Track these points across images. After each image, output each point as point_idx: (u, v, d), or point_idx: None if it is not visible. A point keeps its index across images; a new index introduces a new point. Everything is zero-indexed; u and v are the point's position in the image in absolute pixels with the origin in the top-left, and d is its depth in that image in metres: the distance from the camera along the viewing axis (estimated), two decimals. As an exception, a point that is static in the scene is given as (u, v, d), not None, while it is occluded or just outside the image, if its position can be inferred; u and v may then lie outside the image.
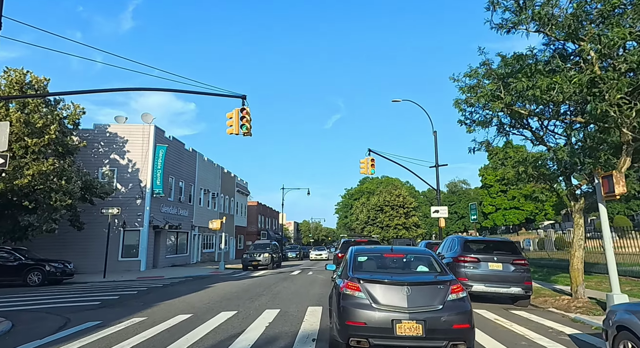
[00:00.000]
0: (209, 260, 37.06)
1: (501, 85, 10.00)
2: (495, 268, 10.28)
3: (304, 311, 9.53)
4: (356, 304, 5.30)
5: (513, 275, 10.17)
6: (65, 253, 22.32)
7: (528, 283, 10.14)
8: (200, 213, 35.30)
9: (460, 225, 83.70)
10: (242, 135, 13.32)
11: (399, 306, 5.15)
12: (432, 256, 6.47)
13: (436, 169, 24.59)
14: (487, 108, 10.54)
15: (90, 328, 8.24)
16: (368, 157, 22.29)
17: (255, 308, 10.11)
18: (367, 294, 5.34)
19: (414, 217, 55.13)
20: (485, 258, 10.45)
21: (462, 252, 10.71)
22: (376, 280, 5.45)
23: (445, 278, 5.58)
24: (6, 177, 18.09)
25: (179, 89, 13.40)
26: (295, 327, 7.74)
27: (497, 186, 76.86)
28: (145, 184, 26.09)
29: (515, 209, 75.55)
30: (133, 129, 26.70)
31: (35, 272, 17.61)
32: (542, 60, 9.56)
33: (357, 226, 59.39)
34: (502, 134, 12.63)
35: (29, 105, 19.69)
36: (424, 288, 5.35)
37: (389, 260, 6.61)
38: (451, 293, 5.27)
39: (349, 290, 5.49)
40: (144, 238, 25.54)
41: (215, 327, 7.90)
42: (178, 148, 31.06)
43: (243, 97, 13.57)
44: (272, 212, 68.80)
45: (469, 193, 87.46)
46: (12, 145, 18.58)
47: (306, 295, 12.40)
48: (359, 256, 6.61)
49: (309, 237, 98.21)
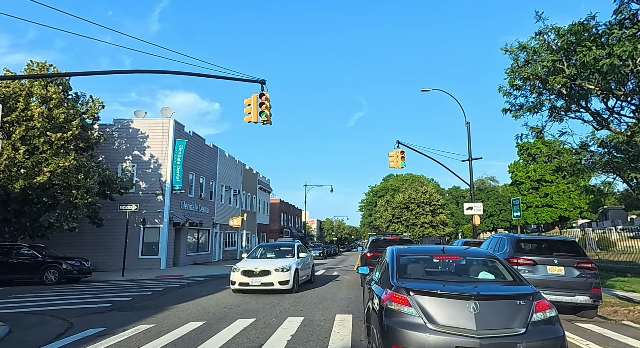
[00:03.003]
0: (231, 258, 36.36)
1: (563, 56, 8.46)
2: (556, 273, 8.74)
3: (332, 320, 8.29)
4: (405, 324, 4.02)
5: (578, 281, 8.61)
6: (84, 251, 21.89)
7: (597, 291, 8.55)
8: (222, 210, 34.59)
9: (489, 223, 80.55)
10: (262, 123, 12.19)
11: (465, 328, 3.83)
12: (498, 260, 5.08)
13: (469, 162, 22.86)
14: (545, 85, 8.97)
15: (90, 336, 7.28)
16: (397, 150, 20.80)
17: (276, 315, 8.94)
18: (419, 310, 4.05)
19: (441, 214, 53.02)
20: (543, 260, 8.91)
21: (514, 253, 9.20)
22: (431, 291, 4.14)
23: (526, 290, 4.20)
24: (25, 173, 17.63)
25: (197, 73, 12.39)
26: (323, 342, 6.50)
27: (528, 183, 73.39)
28: (165, 180, 25.45)
29: (548, 207, 71.95)
30: (152, 123, 26.10)
31: (52, 270, 17.08)
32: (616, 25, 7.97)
33: (381, 224, 57.74)
34: (555, 118, 11.01)
35: (52, 100, 19.16)
36: (497, 304, 3.99)
37: (441, 264, 5.27)
38: (536, 312, 3.90)
39: (395, 303, 4.20)
40: (164, 235, 24.90)
41: (228, 340, 6.75)
42: (198, 143, 30.37)
43: (262, 82, 12.44)
44: (295, 210, 67.92)
45: (497, 191, 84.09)
46: (35, 141, 18.13)
47: (333, 300, 11.15)
48: (402, 258, 5.27)
49: (332, 235, 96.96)
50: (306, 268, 14.15)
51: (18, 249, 17.49)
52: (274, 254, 14.23)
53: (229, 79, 12.63)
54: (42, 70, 19.59)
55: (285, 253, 14.01)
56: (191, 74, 12.61)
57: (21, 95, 17.99)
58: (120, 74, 14.53)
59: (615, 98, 9.47)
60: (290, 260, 12.89)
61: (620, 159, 9.53)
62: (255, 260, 13.32)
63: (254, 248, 14.89)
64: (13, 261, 16.98)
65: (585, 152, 9.26)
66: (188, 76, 34.70)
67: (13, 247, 17.57)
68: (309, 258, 15.08)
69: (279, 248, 14.67)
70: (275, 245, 15.65)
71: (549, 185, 67.87)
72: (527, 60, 9.18)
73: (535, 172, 67.85)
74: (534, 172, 68.23)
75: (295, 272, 12.37)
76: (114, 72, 13.22)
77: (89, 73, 12.92)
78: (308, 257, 14.96)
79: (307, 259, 14.48)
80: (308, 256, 14.99)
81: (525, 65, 9.87)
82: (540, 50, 9.27)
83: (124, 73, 13.40)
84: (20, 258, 17.18)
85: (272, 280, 11.79)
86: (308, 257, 14.96)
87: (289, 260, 12.86)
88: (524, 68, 9.75)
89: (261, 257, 14.01)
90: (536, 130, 10.87)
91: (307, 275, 14.28)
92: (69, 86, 21.39)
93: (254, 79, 12.55)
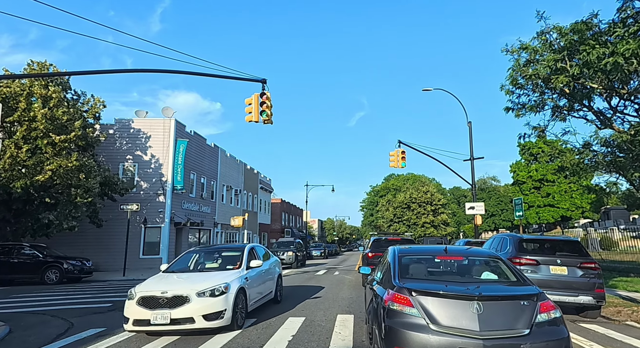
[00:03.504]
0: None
1: (565, 56, 8.40)
2: (559, 273, 8.67)
3: (333, 320, 8.25)
4: (407, 324, 3.97)
5: (581, 281, 8.54)
6: (86, 250, 21.89)
7: (600, 291, 8.47)
8: (223, 210, 34.57)
9: (491, 223, 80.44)
10: (263, 122, 12.16)
11: (468, 329, 3.78)
12: (501, 260, 5.03)
13: (471, 161, 22.81)
14: (547, 84, 8.91)
15: (90, 336, 7.28)
16: (398, 150, 20.74)
17: (277, 314, 8.90)
18: (421, 311, 4.00)
19: (442, 214, 52.93)
20: (545, 260, 8.84)
21: (516, 252, 9.13)
22: (433, 291, 4.09)
23: (529, 291, 4.15)
24: (26, 172, 17.63)
25: (198, 72, 12.35)
26: (324, 343, 6.46)
27: (530, 183, 73.25)
28: (166, 180, 25.44)
29: (549, 207, 71.79)
30: (154, 123, 26.08)
31: (53, 269, 17.07)
32: (620, 24, 7.90)
33: (383, 224, 57.68)
34: (558, 118, 10.95)
35: (52, 99, 19.13)
36: (501, 305, 3.95)
37: (443, 264, 5.22)
38: (541, 313, 3.85)
39: (397, 304, 4.15)
40: (165, 235, 24.89)
41: (229, 340, 6.71)
42: (199, 143, 30.35)
43: (263, 81, 12.41)
44: (296, 210, 67.88)
45: (498, 191, 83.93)
46: (38, 142, 18.12)
47: (334, 300, 11.11)
48: (404, 258, 5.22)
49: (333, 235, 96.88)
50: (264, 282, 9.32)
51: (19, 249, 17.49)
52: (212, 263, 9.16)
53: (230, 78, 12.60)
54: (42, 69, 19.56)
55: (228, 262, 8.85)
56: (192, 73, 12.58)
57: (22, 95, 17.99)
58: (122, 73, 14.52)
59: (619, 97, 9.40)
60: (229, 275, 7.78)
61: (624, 158, 9.47)
62: (173, 275, 8.13)
63: (181, 255, 9.39)
64: (14, 261, 16.99)
65: (588, 151, 9.20)
66: (189, 76, 34.77)
67: (14, 247, 17.57)
68: (270, 266, 10.11)
69: (220, 254, 9.52)
70: (214, 249, 10.24)
71: (551, 185, 67.68)
72: (529, 60, 9.13)
73: (537, 171, 67.65)
74: (536, 171, 68.03)
75: (237, 294, 7.40)
76: (115, 72, 13.22)
77: (90, 72, 12.91)
78: (269, 264, 10.07)
79: (265, 269, 9.48)
80: (269, 263, 10.15)
81: (528, 65, 9.81)
82: (543, 50, 9.21)
83: (125, 72, 13.39)
84: (22, 258, 17.18)
85: (190, 314, 6.77)
86: (269, 264, 10.07)
87: (226, 275, 7.77)
88: (526, 68, 9.69)
89: (188, 270, 8.82)
90: (539, 129, 10.81)
91: (267, 293, 9.50)
92: (69, 85, 21.37)
93: (255, 78, 12.52)
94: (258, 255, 9.66)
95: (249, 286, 8.12)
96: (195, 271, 8.80)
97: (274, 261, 10.89)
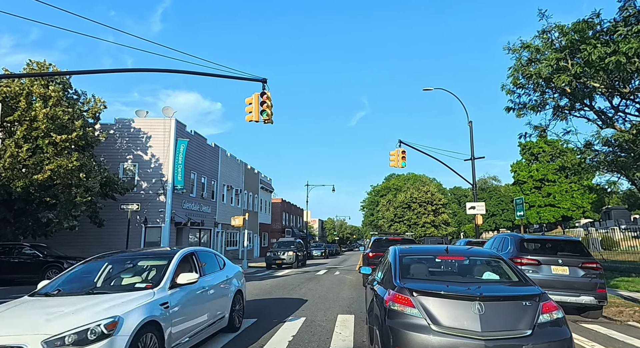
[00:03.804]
0: (233, 258, 36.33)
1: (567, 55, 8.36)
2: (561, 273, 8.64)
3: (334, 320, 8.22)
4: (408, 325, 3.94)
5: (583, 281, 8.50)
6: (86, 250, 21.79)
7: (602, 291, 8.44)
8: (223, 210, 34.56)
9: (491, 223, 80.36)
10: (263, 122, 12.14)
11: (469, 330, 3.75)
12: (502, 260, 4.99)
13: (472, 161, 22.76)
14: (549, 83, 8.88)
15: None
16: (399, 149, 20.71)
17: (278, 315, 8.88)
18: (422, 311, 3.97)
19: (443, 214, 52.87)
20: (547, 260, 8.81)
21: (517, 252, 9.09)
22: (435, 292, 4.06)
23: (531, 291, 4.12)
24: (26, 172, 17.62)
25: (199, 72, 12.32)
26: (325, 343, 6.43)
27: (530, 182, 73.17)
28: (167, 180, 25.42)
29: (550, 207, 71.70)
30: (154, 123, 26.07)
31: (54, 269, 17.04)
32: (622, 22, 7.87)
33: (383, 224, 57.64)
34: (559, 117, 10.91)
35: (51, 99, 19.11)
36: (503, 305, 3.91)
37: (444, 264, 5.18)
38: (543, 313, 3.82)
39: (398, 304, 4.12)
40: (165, 235, 24.88)
41: (229, 340, 6.69)
42: (200, 143, 30.33)
43: (263, 81, 12.38)
44: (297, 210, 67.86)
45: (499, 190, 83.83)
46: (39, 141, 18.10)
47: (334, 300, 11.09)
48: (404, 258, 5.18)
49: (333, 234, 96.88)
50: (207, 305, 6.22)
51: (19, 249, 17.47)
52: (126, 278, 5.86)
53: (230, 77, 12.58)
54: (41, 69, 19.52)
55: (146, 276, 5.91)
56: (193, 72, 12.55)
57: (22, 95, 17.97)
58: (122, 72, 14.50)
59: (620, 96, 9.36)
60: (129, 301, 4.68)
61: (625, 157, 9.43)
62: (39, 301, 5.03)
63: (77, 265, 6.20)
64: (14, 261, 16.97)
65: (589, 151, 9.16)
66: (190, 75, 34.71)
67: (15, 247, 17.56)
68: (222, 280, 7.06)
69: (134, 265, 6.23)
70: (127, 257, 6.56)
71: (552, 185, 67.59)
72: (530, 59, 9.09)
73: (538, 171, 67.57)
74: (537, 171, 67.94)
75: (138, 335, 4.36)
76: (116, 71, 13.20)
77: (90, 72, 12.88)
78: (220, 278, 7.05)
79: (210, 285, 6.48)
80: (221, 276, 7.14)
81: (529, 64, 9.77)
82: (544, 49, 9.17)
83: (125, 72, 13.36)
84: (22, 257, 17.16)
85: None
86: (220, 278, 7.05)
87: (123, 302, 4.63)
88: (527, 67, 9.66)
89: (77, 292, 5.34)
90: (540, 129, 10.77)
91: (212, 321, 6.35)
92: (70, 85, 21.35)
93: (255, 77, 12.49)
94: (197, 265, 6.34)
95: (170, 316, 5.00)
96: (86, 293, 5.16)
97: (232, 272, 7.62)
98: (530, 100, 11.03)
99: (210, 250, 7.82)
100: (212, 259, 7.29)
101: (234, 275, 7.72)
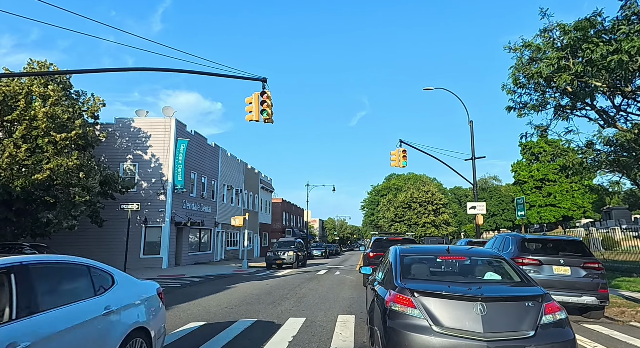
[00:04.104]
0: (233, 258, 36.32)
1: (568, 54, 8.31)
2: (562, 273, 8.60)
3: (334, 320, 8.18)
4: (409, 326, 3.90)
5: (584, 282, 8.46)
6: (86, 251, 21.79)
7: (604, 291, 8.40)
8: (224, 209, 34.54)
9: (492, 223, 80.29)
10: (263, 121, 12.10)
11: (471, 331, 3.71)
12: (504, 260, 4.95)
13: (472, 161, 22.72)
14: (550, 83, 8.83)
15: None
16: (399, 149, 20.66)
17: (278, 315, 8.84)
18: (424, 312, 3.92)
19: (444, 214, 52.81)
20: (548, 260, 8.77)
21: (519, 252, 9.05)
22: (436, 292, 4.02)
23: (534, 291, 4.07)
24: (26, 171, 17.59)
25: (199, 71, 12.28)
26: (325, 343, 6.40)
27: (531, 182, 73.10)
28: (167, 179, 25.40)
29: (551, 206, 71.62)
30: (154, 122, 26.05)
31: (53, 269, 17.01)
32: (624, 21, 7.82)
33: (383, 223, 57.59)
34: (560, 117, 10.86)
35: (51, 98, 19.08)
36: (505, 306, 3.87)
37: (445, 264, 5.14)
38: (546, 314, 3.78)
39: (399, 305, 4.08)
40: (165, 235, 24.85)
41: (229, 340, 6.65)
42: (200, 143, 30.30)
43: (264, 80, 12.33)
44: (297, 209, 67.83)
45: (500, 190, 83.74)
46: (39, 140, 18.07)
47: (335, 300, 11.04)
48: (405, 258, 5.14)
49: (334, 234, 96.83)
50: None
51: (19, 249, 17.40)
52: None
53: (230, 77, 12.53)
54: (42, 68, 19.51)
55: None
56: (193, 72, 12.51)
57: (21, 94, 17.95)
58: (122, 71, 14.46)
59: (622, 95, 9.31)
60: None
61: (627, 157, 9.39)
62: None
63: None
64: (14, 260, 16.92)
65: (591, 150, 9.12)
66: (190, 75, 34.69)
67: (14, 247, 17.49)
68: (87, 315, 3.65)
69: None
70: None
71: (552, 185, 67.51)
72: (531, 58, 9.05)
73: (539, 171, 67.48)
74: (537, 171, 67.85)
75: None
76: (116, 70, 13.14)
77: (90, 71, 12.83)
78: (81, 311, 3.63)
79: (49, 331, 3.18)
80: (83, 308, 3.69)
81: (530, 63, 9.73)
82: (545, 48, 9.13)
83: (125, 71, 13.31)
84: (22, 257, 17.12)
85: None
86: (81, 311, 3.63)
87: None
88: (528, 66, 9.61)
89: None
90: (541, 128, 10.73)
91: None
92: (70, 84, 21.33)
93: (256, 77, 12.45)
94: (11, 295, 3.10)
95: None
96: None
97: (128, 297, 4.47)
98: (531, 99, 10.99)
99: (73, 259, 4.07)
100: (72, 278, 3.95)
101: (131, 304, 4.47)
